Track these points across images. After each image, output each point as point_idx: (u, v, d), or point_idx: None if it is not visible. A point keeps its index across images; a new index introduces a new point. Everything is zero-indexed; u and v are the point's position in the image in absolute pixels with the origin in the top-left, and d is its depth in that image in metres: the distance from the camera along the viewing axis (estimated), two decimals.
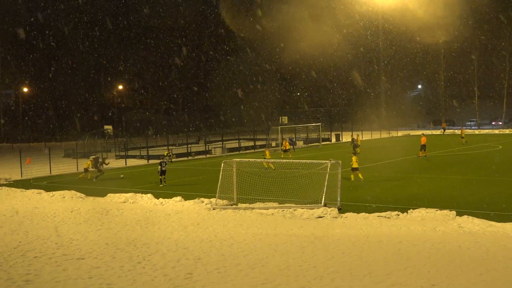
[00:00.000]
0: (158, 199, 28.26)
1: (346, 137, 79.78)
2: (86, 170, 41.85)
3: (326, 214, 22.91)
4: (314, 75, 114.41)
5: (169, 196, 28.86)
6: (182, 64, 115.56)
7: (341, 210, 23.61)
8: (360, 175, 32.94)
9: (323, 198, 24.09)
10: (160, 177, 35.19)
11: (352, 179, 32.95)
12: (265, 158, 39.13)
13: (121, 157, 59.27)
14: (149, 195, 29.10)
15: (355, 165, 33.45)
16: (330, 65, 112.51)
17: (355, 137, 56.72)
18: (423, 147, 46.71)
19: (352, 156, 34.58)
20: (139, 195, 29.29)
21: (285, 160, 36.12)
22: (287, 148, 52.26)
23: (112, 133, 73.29)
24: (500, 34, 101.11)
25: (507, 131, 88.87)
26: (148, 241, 19.25)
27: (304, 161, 30.43)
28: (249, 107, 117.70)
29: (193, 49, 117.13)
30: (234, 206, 25.83)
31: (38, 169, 46.77)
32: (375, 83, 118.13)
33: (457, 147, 55.75)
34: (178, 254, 17.39)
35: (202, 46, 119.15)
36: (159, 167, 35.36)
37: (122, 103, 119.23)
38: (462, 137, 61.40)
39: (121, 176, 41.80)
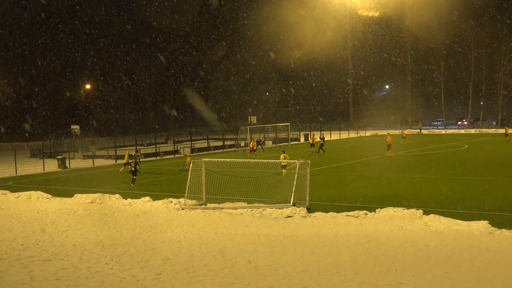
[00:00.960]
0: (126, 199, 28.03)
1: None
2: (127, 164, 40.34)
3: (295, 213, 23.00)
4: (284, 75, 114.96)
5: (138, 196, 28.66)
6: (150, 62, 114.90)
7: (310, 210, 23.73)
8: (284, 171, 32.02)
9: (292, 198, 24.19)
10: (133, 177, 34.94)
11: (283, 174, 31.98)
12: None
13: (88, 157, 58.68)
14: (117, 195, 28.85)
15: (284, 163, 33.32)
16: (300, 66, 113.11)
17: (314, 137, 57.43)
18: (389, 146, 47.07)
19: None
20: (106, 195, 29.01)
21: (254, 160, 36.15)
22: (254, 148, 52.53)
23: (79, 133, 72.46)
24: (467, 36, 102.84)
25: (472, 131, 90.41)
26: (116, 242, 19.09)
27: (273, 161, 30.54)
28: (218, 107, 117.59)
29: (162, 47, 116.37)
30: (203, 206, 25.77)
31: (3, 170, 46.03)
32: (344, 83, 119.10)
33: (424, 147, 56.44)
34: (146, 254, 17.28)
35: (172, 43, 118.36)
36: (129, 166, 35.09)
37: (89, 102, 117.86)
38: (404, 137, 61.49)
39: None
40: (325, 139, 58.84)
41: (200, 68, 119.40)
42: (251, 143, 54.11)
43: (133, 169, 34.86)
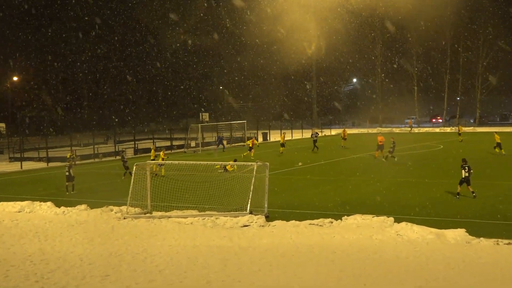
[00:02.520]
0: (59, 207, 27.61)
1: (274, 136, 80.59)
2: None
3: (252, 222, 23.03)
4: (241, 69, 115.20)
5: (73, 204, 28.28)
6: (89, 55, 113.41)
7: (269, 218, 23.80)
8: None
9: (249, 205, 24.22)
10: (66, 183, 34.48)
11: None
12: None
13: (16, 159, 57.60)
14: (48, 203, 28.38)
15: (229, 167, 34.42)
16: (260, 59, 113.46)
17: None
18: (381, 147, 46.87)
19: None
20: (37, 203, 28.52)
21: (205, 162, 36.10)
22: (252, 146, 52.18)
23: (4, 132, 71.07)
24: (442, 29, 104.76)
25: (448, 129, 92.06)
26: (47, 257, 18.79)
27: (229, 163, 30.54)
28: (166, 103, 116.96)
29: (101, 39, 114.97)
30: (148, 214, 25.60)
31: None
32: (308, 77, 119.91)
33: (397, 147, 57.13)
34: (83, 270, 17.07)
35: (112, 35, 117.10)
36: (65, 171, 34.73)
37: (17, 97, 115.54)
38: (344, 139, 61.53)
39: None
40: (286, 138, 59.21)
41: (146, 59, 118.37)
42: (251, 140, 53.93)
43: (67, 174, 34.41)
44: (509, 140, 60.63)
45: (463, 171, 27.72)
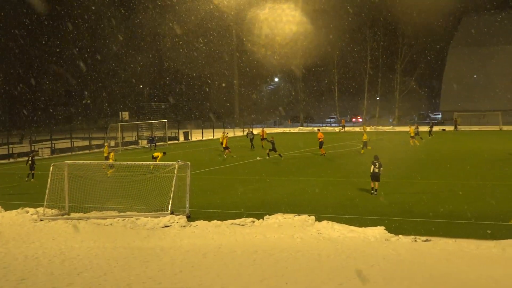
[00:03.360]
0: None
1: (196, 135, 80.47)
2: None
3: (173, 222, 22.91)
4: (160, 67, 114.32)
5: None
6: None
7: (190, 218, 23.73)
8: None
9: (170, 205, 24.08)
10: None
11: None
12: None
13: None
14: None
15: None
16: (182, 57, 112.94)
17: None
18: (321, 144, 48.52)
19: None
20: None
21: (125, 163, 35.69)
22: (227, 146, 50.97)
23: None
24: (360, 29, 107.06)
25: (368, 128, 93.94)
26: None
27: (148, 163, 30.25)
28: (83, 100, 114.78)
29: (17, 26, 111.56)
30: (65, 216, 25.10)
31: None
32: (229, 76, 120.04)
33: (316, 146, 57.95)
34: None
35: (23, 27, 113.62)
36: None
37: None
38: (263, 139, 60.16)
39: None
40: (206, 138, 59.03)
41: (56, 54, 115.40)
42: (224, 138, 52.68)
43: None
44: (424, 137, 62.56)
45: (372, 166, 28.48)
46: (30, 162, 39.44)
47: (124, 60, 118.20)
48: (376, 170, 28.30)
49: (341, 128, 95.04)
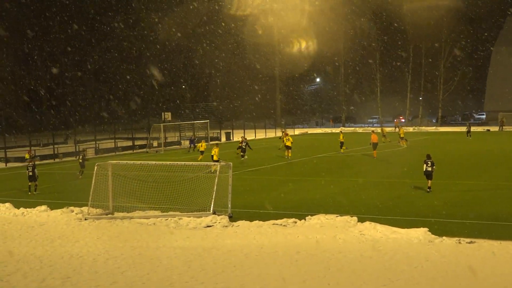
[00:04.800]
0: (18, 208, 27.23)
1: (237, 136, 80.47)
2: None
3: (215, 222, 23.00)
4: (202, 64, 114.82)
5: (32, 205, 27.86)
6: (46, 50, 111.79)
7: (232, 218, 23.80)
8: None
9: (212, 205, 24.18)
10: (29, 183, 34.04)
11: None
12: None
13: None
14: (7, 204, 27.96)
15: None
16: (221, 55, 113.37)
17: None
18: (375, 145, 47.78)
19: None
20: None
21: (168, 163, 35.91)
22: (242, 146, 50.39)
23: None
24: (404, 28, 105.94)
25: (410, 129, 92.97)
26: (6, 259, 18.51)
27: (191, 163, 30.41)
28: (127, 102, 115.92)
29: (57, 32, 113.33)
30: (109, 215, 25.39)
31: None
32: (271, 77, 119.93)
33: (360, 146, 57.57)
34: (43, 272, 16.85)
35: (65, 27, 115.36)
36: (27, 171, 34.29)
37: None
38: (384, 135, 62.80)
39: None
40: (248, 139, 59.04)
41: (101, 56, 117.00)
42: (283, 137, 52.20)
43: (31, 173, 33.99)
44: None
45: (424, 165, 29.46)
46: (81, 161, 40.56)
47: (165, 59, 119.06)
48: (429, 169, 29.33)
49: (394, 128, 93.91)
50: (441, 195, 28.49)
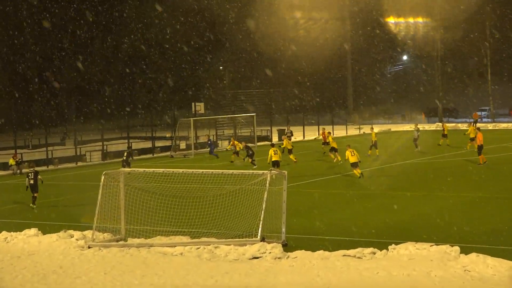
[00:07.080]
0: (0, 232, 27.60)
1: (296, 134, 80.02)
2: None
3: (264, 253, 22.98)
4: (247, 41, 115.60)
5: (19, 227, 28.24)
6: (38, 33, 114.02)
7: (287, 247, 23.76)
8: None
9: (260, 229, 24.16)
10: (34, 194, 34.96)
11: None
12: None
13: None
14: None
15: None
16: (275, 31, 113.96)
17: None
18: (480, 148, 46.69)
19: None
20: None
21: (201, 171, 36.05)
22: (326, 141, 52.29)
23: None
24: None
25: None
26: None
27: (231, 171, 30.42)
28: (143, 89, 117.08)
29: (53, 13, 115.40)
30: (121, 242, 25.58)
31: None
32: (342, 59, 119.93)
33: (459, 150, 56.99)
34: None
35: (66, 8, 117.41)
36: (27, 179, 35.03)
37: None
38: (444, 135, 62.63)
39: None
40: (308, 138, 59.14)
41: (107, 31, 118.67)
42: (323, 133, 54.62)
43: (32, 182, 34.74)
44: None
45: None
46: (124, 158, 41.78)
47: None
48: None
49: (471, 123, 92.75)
50: None
